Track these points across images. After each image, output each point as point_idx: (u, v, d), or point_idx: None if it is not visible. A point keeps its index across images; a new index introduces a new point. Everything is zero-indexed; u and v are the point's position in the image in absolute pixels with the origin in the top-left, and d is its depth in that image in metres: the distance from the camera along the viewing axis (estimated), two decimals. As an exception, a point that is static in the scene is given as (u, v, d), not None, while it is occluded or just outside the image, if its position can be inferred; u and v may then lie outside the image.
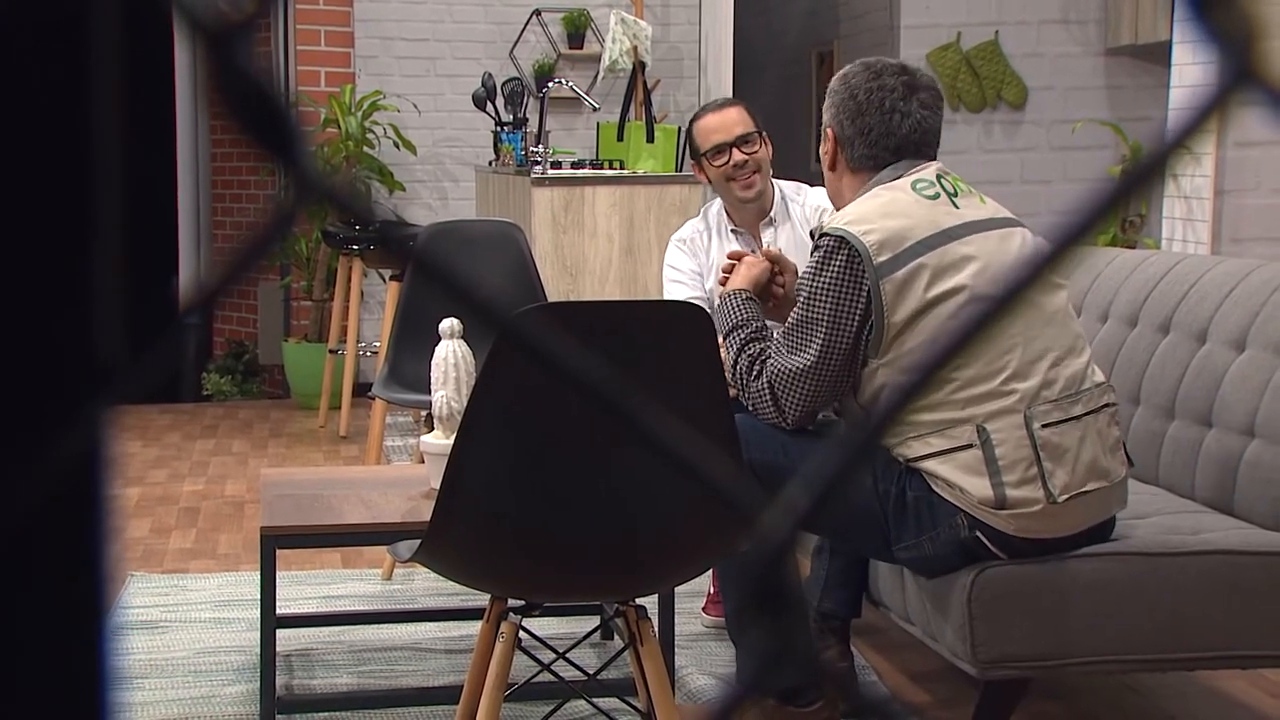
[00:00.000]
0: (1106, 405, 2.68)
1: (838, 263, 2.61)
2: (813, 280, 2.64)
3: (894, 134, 2.73)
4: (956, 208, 2.66)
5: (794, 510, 0.38)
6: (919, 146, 2.74)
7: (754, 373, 2.75)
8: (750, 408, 2.76)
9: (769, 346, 2.76)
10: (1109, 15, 6.91)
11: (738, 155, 3.50)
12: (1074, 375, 2.63)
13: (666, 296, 3.60)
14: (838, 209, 2.79)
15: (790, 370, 2.67)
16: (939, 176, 2.71)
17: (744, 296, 2.89)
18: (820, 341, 2.63)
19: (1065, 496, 2.58)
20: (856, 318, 2.61)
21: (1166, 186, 5.29)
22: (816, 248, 2.66)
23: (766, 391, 2.71)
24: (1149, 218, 6.49)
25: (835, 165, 2.80)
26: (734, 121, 3.53)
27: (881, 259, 2.58)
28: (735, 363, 2.78)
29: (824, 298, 2.62)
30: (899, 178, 2.71)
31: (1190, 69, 5.13)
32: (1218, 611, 2.68)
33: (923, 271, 2.57)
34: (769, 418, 2.73)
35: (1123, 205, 0.36)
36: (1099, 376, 2.70)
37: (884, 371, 2.62)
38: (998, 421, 2.56)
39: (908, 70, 2.78)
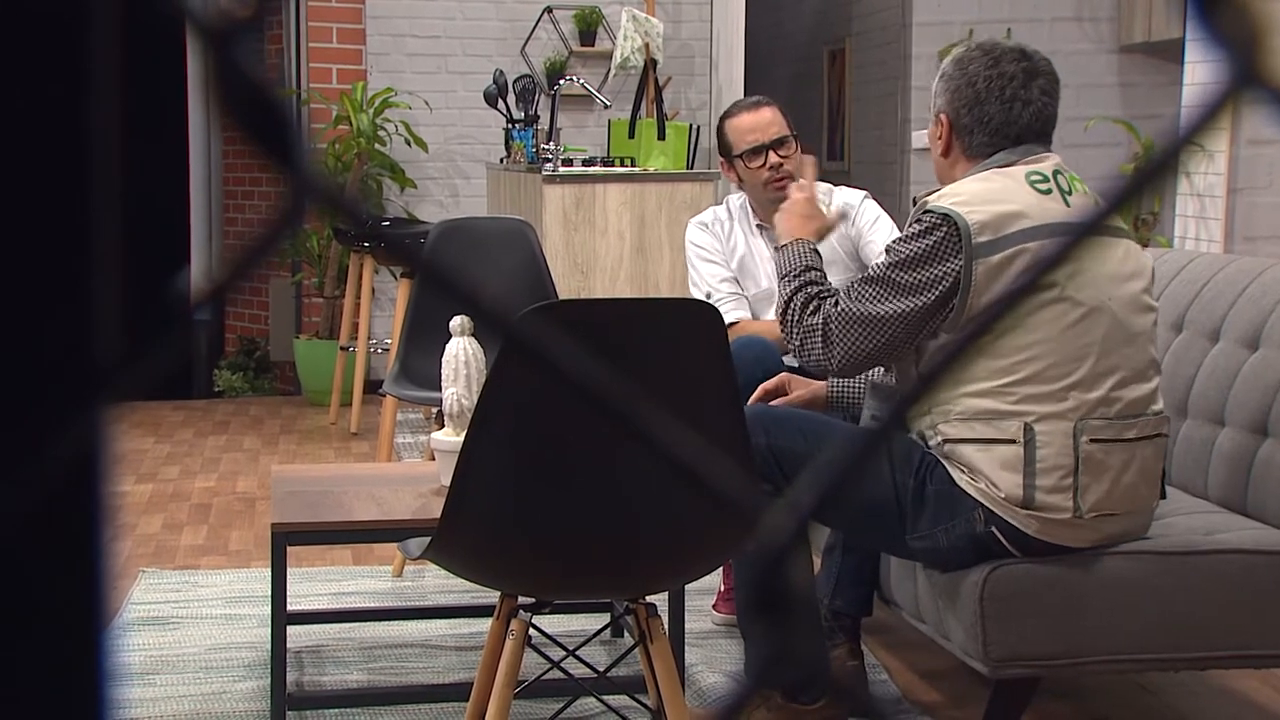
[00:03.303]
0: (1159, 435, 2.66)
1: (936, 237, 2.56)
2: (906, 246, 2.59)
3: (1015, 123, 2.67)
4: (1067, 205, 2.61)
5: (797, 512, 0.38)
6: (1039, 135, 2.70)
7: (810, 309, 2.69)
8: (796, 344, 2.71)
9: (828, 290, 2.72)
10: (1122, 13, 6.90)
11: (773, 158, 3.46)
12: (1137, 400, 2.60)
13: (699, 274, 3.56)
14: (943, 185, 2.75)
15: (853, 314, 2.61)
16: (1055, 172, 2.66)
17: (810, 246, 2.84)
18: (893, 302, 2.58)
19: (1092, 515, 2.56)
20: (936, 294, 2.56)
21: (1179, 184, 5.28)
22: (916, 220, 2.61)
23: (819, 329, 2.65)
24: (1162, 215, 6.47)
25: (949, 151, 2.73)
26: (769, 122, 3.49)
27: (981, 239, 2.53)
28: (789, 300, 2.73)
29: (912, 267, 2.57)
30: (1013, 164, 2.65)
31: (1203, 66, 5.11)
32: (1230, 611, 2.67)
33: (1020, 259, 2.52)
34: (814, 356, 2.68)
35: (1129, 206, 0.36)
36: (1160, 406, 2.67)
37: (931, 360, 2.60)
38: (1047, 424, 2.53)
39: (1026, 54, 2.71)
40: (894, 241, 2.65)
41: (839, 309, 2.64)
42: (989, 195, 2.58)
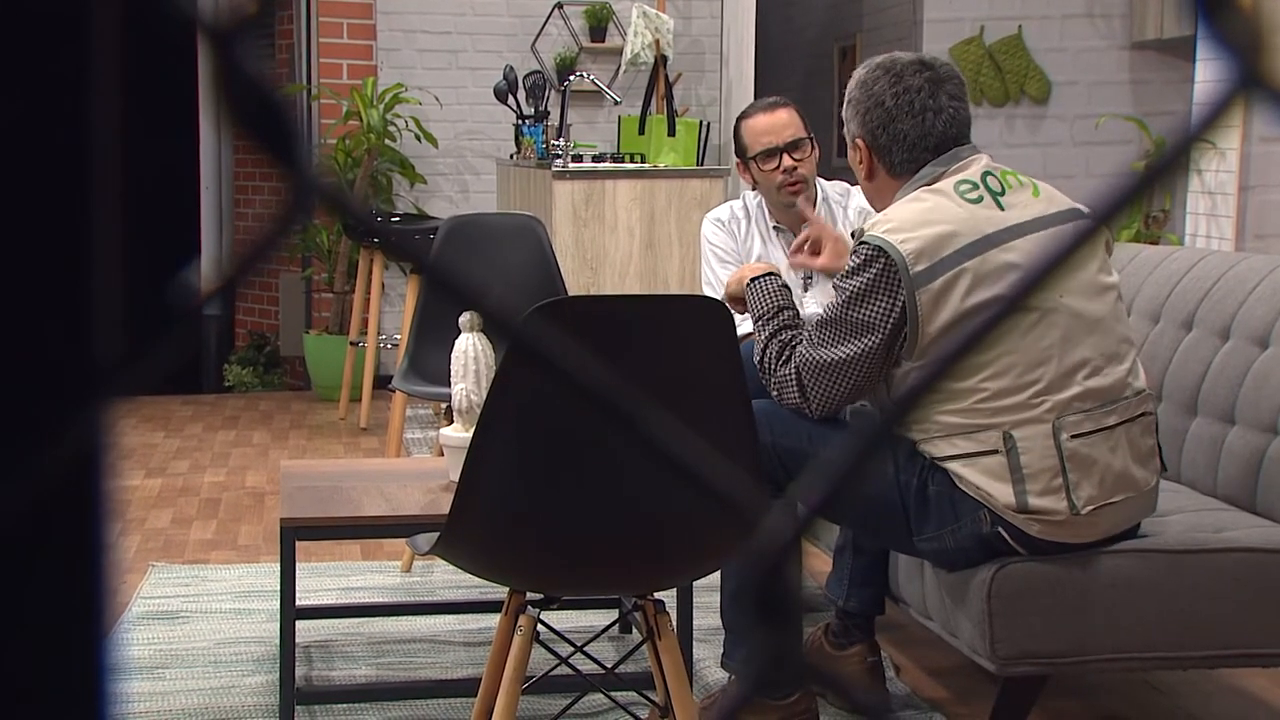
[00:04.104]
0: (1144, 414, 2.64)
1: (874, 271, 2.57)
2: (849, 281, 2.61)
3: (930, 134, 2.66)
4: (1001, 209, 2.59)
5: (796, 515, 0.38)
6: (955, 139, 2.68)
7: (782, 358, 2.72)
8: (775, 394, 2.74)
9: (800, 334, 2.74)
10: (1133, 10, 6.88)
11: (788, 161, 3.45)
12: (1112, 385, 2.58)
13: (714, 275, 3.55)
14: (878, 210, 2.76)
15: (819, 362, 2.65)
16: (984, 175, 2.64)
17: (778, 284, 2.87)
18: (851, 343, 2.60)
19: (1090, 509, 2.55)
20: (889, 325, 2.57)
21: (1190, 182, 5.27)
22: (855, 252, 2.63)
23: (793, 378, 2.69)
24: (1173, 213, 6.46)
25: (873, 174, 2.73)
26: (784, 124, 3.47)
27: (919, 268, 2.53)
28: (764, 349, 2.76)
29: (859, 302, 2.59)
30: (941, 175, 2.64)
31: (1214, 64, 5.10)
32: (1239, 609, 2.67)
33: (961, 280, 2.52)
34: (793, 404, 2.71)
35: (1124, 214, 0.36)
36: (1140, 383, 2.65)
37: (917, 373, 2.60)
38: (1025, 429, 2.53)
39: (926, 64, 2.70)
40: (839, 278, 2.66)
41: (805, 358, 2.67)
42: (921, 217, 2.57)
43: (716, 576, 3.25)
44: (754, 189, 3.60)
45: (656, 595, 2.51)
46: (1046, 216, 2.61)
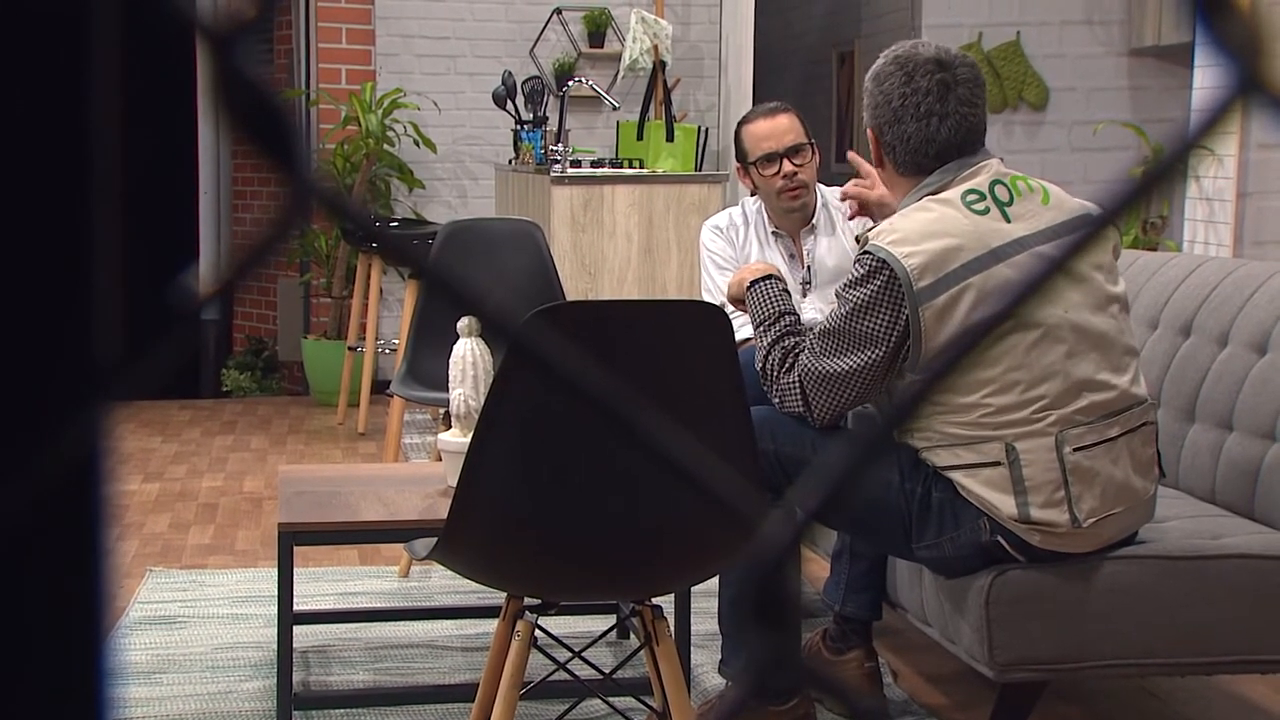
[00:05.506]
0: (1145, 424, 2.63)
1: (878, 283, 2.55)
2: (854, 292, 2.59)
3: (933, 140, 2.62)
4: (1008, 221, 2.56)
5: (794, 520, 0.38)
6: (961, 147, 2.64)
7: (785, 366, 2.71)
8: (777, 401, 2.72)
9: (802, 341, 2.73)
10: (1132, 16, 6.89)
11: (788, 166, 3.45)
12: (1115, 397, 2.57)
13: (713, 282, 3.55)
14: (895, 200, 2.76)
15: (823, 373, 2.64)
16: (993, 184, 2.61)
17: (779, 287, 2.85)
18: (854, 355, 2.59)
19: (1091, 521, 2.55)
20: (893, 339, 2.56)
21: (1189, 188, 5.27)
22: (859, 261, 2.61)
23: (797, 387, 2.67)
24: (1171, 220, 6.46)
25: (883, 163, 2.72)
26: (785, 129, 3.47)
27: (922, 284, 2.50)
28: (767, 355, 2.75)
29: (862, 315, 2.57)
30: (949, 183, 2.61)
31: (1213, 70, 5.11)
32: (1237, 616, 2.67)
33: (965, 296, 2.50)
34: (795, 412, 2.70)
35: (1123, 218, 0.36)
36: (1142, 391, 2.64)
37: (918, 383, 2.58)
38: (1027, 442, 2.52)
39: (943, 64, 2.64)
40: (842, 287, 2.63)
41: (808, 368, 2.65)
42: (927, 229, 2.54)
43: (714, 582, 3.25)
44: (754, 194, 3.61)
45: (654, 600, 2.51)
46: (1053, 228, 2.58)
